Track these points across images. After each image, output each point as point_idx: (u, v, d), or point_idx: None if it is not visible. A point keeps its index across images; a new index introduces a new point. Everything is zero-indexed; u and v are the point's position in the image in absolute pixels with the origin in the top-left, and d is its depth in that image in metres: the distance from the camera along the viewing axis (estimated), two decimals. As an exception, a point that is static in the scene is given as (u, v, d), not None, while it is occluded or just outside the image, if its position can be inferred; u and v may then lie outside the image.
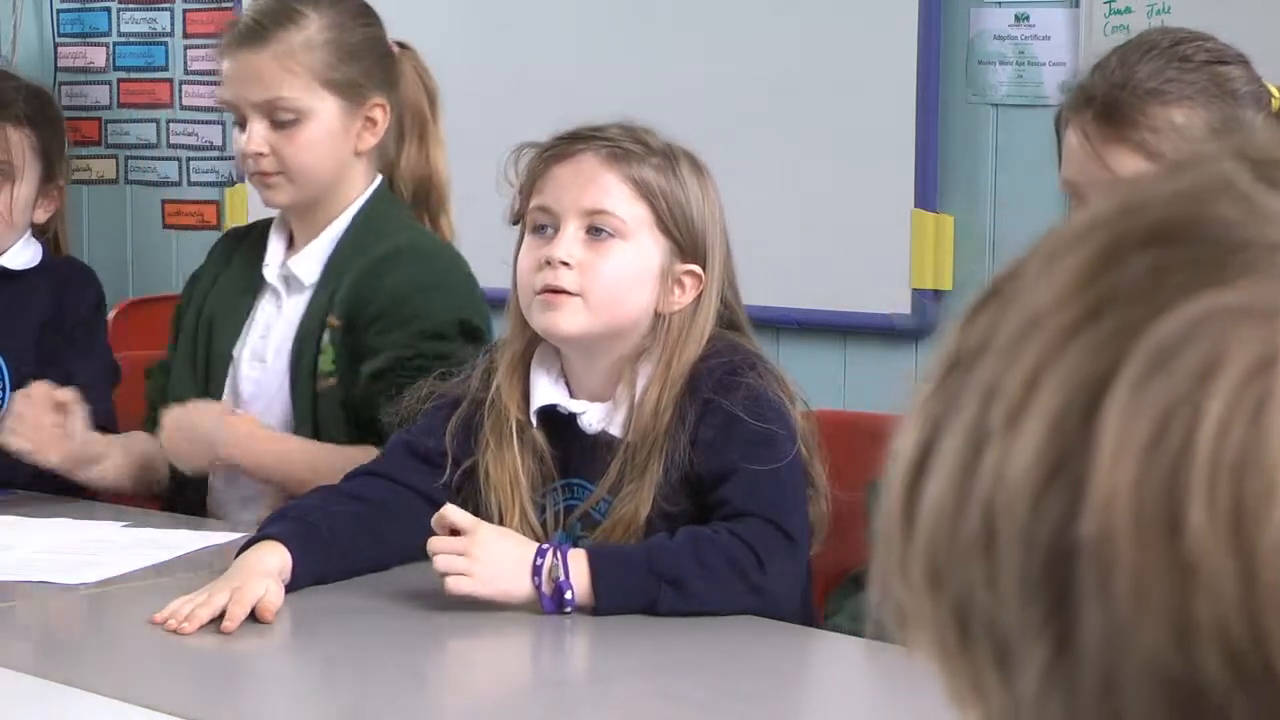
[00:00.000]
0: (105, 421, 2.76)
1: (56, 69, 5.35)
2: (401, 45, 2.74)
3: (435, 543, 2.02)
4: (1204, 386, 0.49)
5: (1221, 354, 0.49)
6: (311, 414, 2.57)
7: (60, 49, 5.38)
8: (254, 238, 2.75)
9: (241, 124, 2.59)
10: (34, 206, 2.92)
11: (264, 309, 2.67)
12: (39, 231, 2.96)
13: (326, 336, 2.57)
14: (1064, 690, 0.52)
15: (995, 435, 0.53)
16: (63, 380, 2.72)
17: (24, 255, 2.93)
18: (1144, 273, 0.52)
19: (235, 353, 2.67)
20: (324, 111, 2.57)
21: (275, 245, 2.68)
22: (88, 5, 5.32)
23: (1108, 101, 1.96)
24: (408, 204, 2.72)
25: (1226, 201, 0.53)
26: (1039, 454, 0.52)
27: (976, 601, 0.54)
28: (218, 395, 2.66)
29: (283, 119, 2.55)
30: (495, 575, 2.01)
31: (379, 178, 2.67)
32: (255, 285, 2.69)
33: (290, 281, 2.65)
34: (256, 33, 2.55)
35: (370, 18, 2.67)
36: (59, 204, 2.97)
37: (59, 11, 5.37)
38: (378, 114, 2.62)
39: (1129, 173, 1.91)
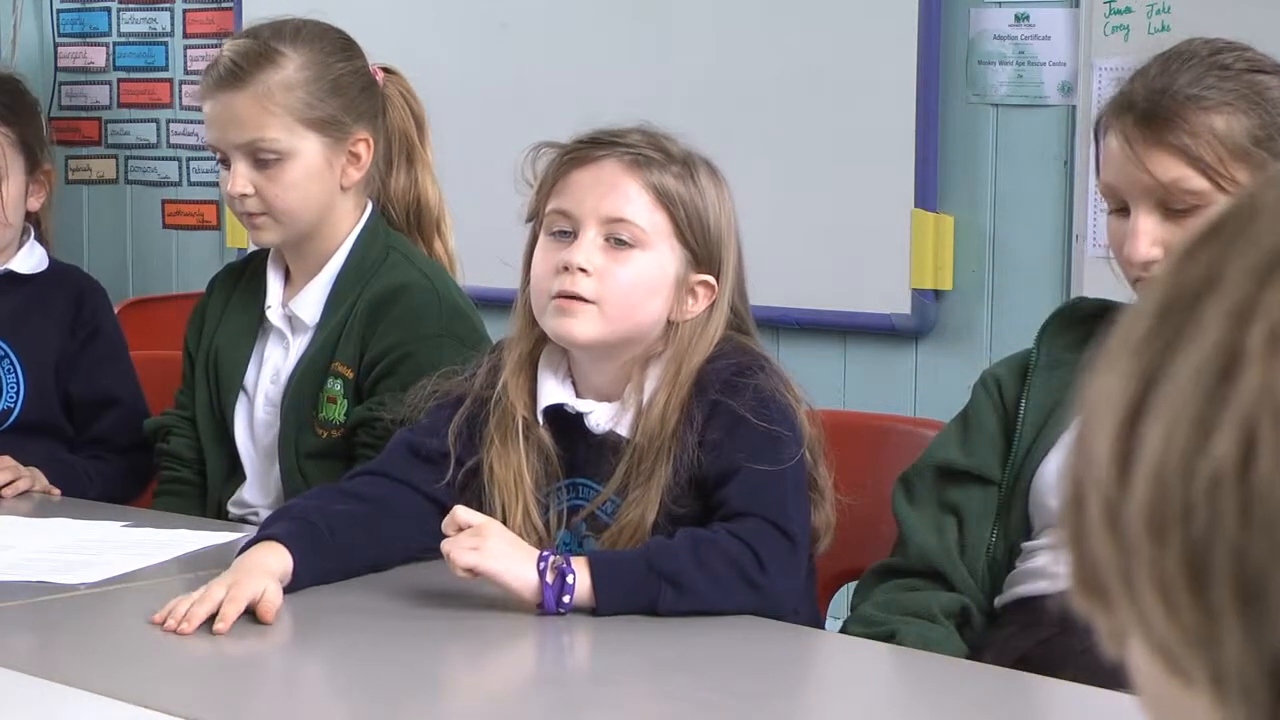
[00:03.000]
0: (139, 431, 2.81)
1: (56, 69, 5.35)
2: (387, 70, 2.71)
3: (447, 542, 2.02)
4: None
5: None
6: (296, 457, 2.56)
7: (60, 49, 5.38)
8: (251, 273, 2.73)
9: (225, 164, 2.58)
10: (25, 199, 2.91)
11: (271, 352, 2.65)
12: (34, 222, 2.96)
13: (339, 386, 2.55)
14: None
15: (1253, 356, 0.51)
16: (91, 390, 2.89)
17: (31, 259, 2.93)
18: None
19: (247, 396, 2.66)
20: (306, 150, 2.55)
21: (274, 284, 2.66)
22: (88, 5, 5.33)
23: (1149, 107, 2.01)
24: (399, 228, 2.69)
25: None
26: None
27: (1221, 539, 0.51)
28: (233, 439, 2.66)
29: (265, 159, 2.54)
30: (502, 553, 2.01)
31: (369, 206, 2.65)
32: (258, 326, 2.67)
33: (294, 322, 2.64)
34: (235, 74, 2.54)
35: (349, 51, 2.64)
36: (48, 189, 2.95)
37: (59, 11, 5.37)
38: (361, 149, 2.60)
39: (1168, 177, 1.98)
